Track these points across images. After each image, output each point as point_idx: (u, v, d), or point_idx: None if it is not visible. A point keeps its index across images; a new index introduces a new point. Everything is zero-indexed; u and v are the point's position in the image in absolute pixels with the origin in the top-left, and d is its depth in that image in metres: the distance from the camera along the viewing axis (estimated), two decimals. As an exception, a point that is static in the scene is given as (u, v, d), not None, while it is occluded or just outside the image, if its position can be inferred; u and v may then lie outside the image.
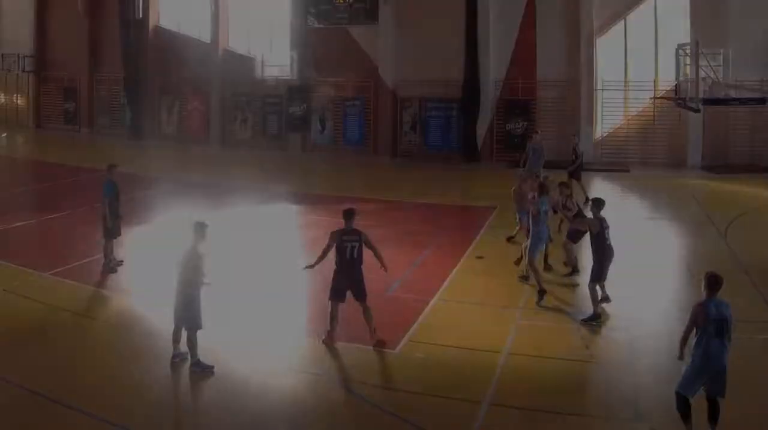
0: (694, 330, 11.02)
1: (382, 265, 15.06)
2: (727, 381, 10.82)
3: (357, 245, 14.65)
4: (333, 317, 14.74)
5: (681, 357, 11.34)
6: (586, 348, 14.41)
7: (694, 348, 11.01)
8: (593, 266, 16.42)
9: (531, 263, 17.83)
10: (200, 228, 13.68)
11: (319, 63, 45.54)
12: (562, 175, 25.40)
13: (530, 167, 27.23)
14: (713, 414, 10.97)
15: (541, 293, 17.21)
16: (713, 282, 11.03)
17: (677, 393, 10.99)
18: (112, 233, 19.77)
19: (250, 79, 46.61)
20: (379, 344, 14.52)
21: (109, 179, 19.88)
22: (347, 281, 14.67)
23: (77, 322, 16.24)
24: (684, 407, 10.93)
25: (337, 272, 14.77)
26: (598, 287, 16.38)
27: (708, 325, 10.82)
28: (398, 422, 11.59)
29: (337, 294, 14.77)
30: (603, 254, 16.32)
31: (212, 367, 13.46)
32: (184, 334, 13.58)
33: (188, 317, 13.41)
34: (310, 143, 46.32)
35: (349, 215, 14.96)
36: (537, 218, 17.80)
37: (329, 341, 14.69)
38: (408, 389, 12.77)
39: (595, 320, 15.95)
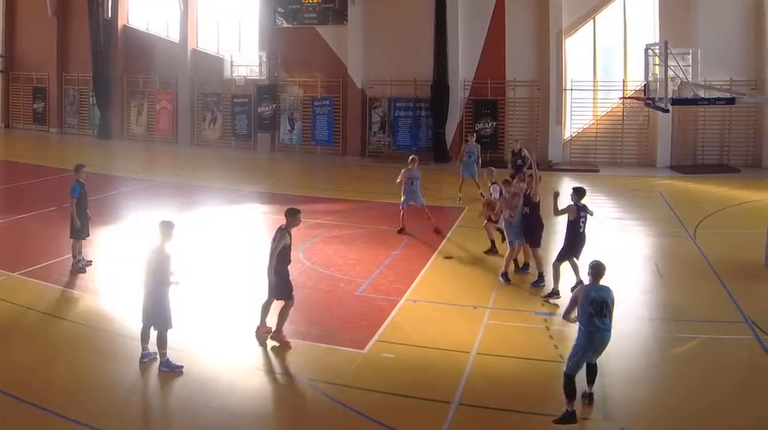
0: (578, 313, 11.57)
1: None
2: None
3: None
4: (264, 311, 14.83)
5: (572, 320, 12.02)
6: (555, 348, 14.04)
7: (578, 329, 11.58)
8: (563, 247, 17.30)
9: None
10: (167, 228, 13.45)
11: (287, 63, 44.68)
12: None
13: (463, 170, 28.28)
14: (591, 376, 11.72)
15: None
16: (596, 271, 11.70)
17: (565, 375, 11.34)
18: (79, 233, 19.22)
19: (219, 79, 44.69)
20: None
21: (77, 180, 19.33)
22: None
23: (46, 322, 15.75)
24: (569, 386, 11.28)
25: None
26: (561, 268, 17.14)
27: (588, 306, 11.34)
28: (366, 422, 11.39)
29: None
30: (574, 238, 17.02)
31: (181, 367, 13.17)
32: (153, 333, 13.36)
33: (157, 317, 13.20)
34: (279, 143, 45.38)
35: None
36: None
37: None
38: (376, 389, 12.47)
39: (553, 297, 16.78)
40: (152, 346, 13.38)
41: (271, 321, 14.69)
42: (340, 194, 30.97)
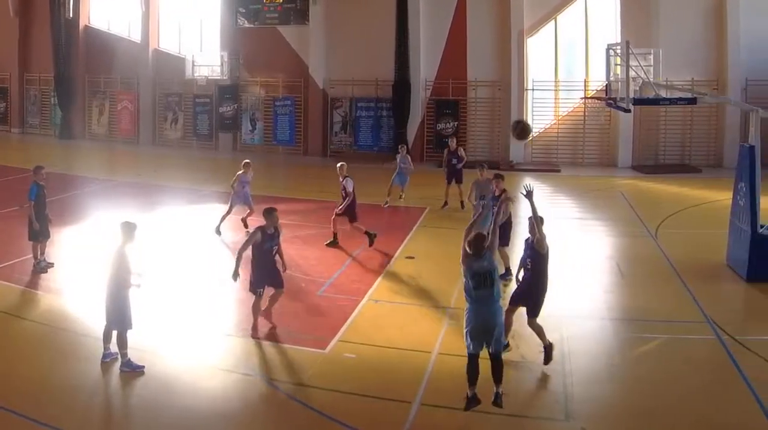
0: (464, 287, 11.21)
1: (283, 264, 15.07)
2: (501, 336, 11.23)
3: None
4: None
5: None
6: (517, 348, 13.57)
7: (466, 308, 11.25)
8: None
9: None
10: (128, 229, 13.08)
11: (249, 63, 43.31)
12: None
13: (394, 179, 26.97)
14: (496, 373, 11.12)
15: None
16: (476, 245, 11.05)
17: (468, 356, 11.13)
18: (38, 235, 18.57)
19: (181, 79, 43.38)
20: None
21: (35, 182, 18.61)
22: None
23: (7, 321, 15.20)
24: (470, 369, 11.01)
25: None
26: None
27: (470, 278, 11.00)
28: (328, 422, 11.08)
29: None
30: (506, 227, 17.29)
31: (142, 367, 12.77)
32: (115, 333, 12.96)
33: (118, 317, 12.83)
34: (241, 143, 43.96)
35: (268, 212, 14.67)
36: None
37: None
38: (338, 389, 12.15)
39: (506, 277, 16.76)
40: (114, 346, 12.96)
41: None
42: (302, 194, 29.96)
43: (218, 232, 22.48)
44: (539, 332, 12.97)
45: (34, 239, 18.48)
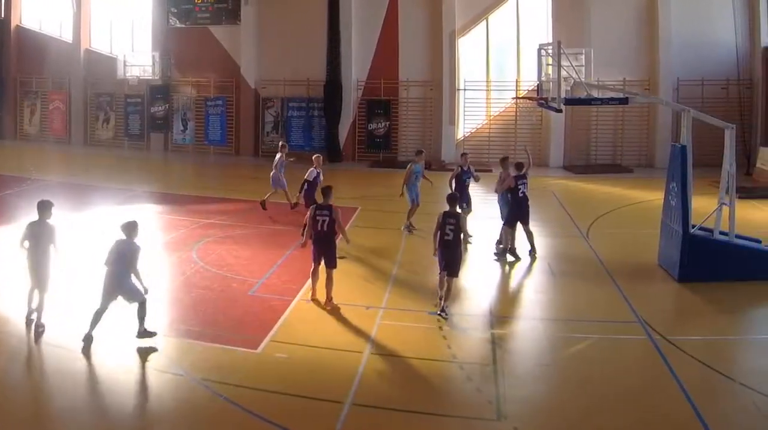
0: None
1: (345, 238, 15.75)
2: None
3: (327, 218, 15.02)
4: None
5: None
6: (448, 348, 12.99)
7: None
8: (508, 214, 18.33)
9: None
10: (45, 206, 13.60)
11: (180, 63, 40.38)
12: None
13: (272, 179, 24.81)
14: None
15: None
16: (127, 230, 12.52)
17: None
18: None
19: (112, 79, 40.38)
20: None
21: None
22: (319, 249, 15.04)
23: None
24: None
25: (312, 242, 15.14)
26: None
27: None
28: (260, 422, 10.41)
29: (313, 259, 15.16)
30: (516, 203, 18.16)
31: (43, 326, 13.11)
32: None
33: (40, 279, 13.20)
34: (172, 143, 40.97)
35: (326, 191, 15.45)
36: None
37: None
38: (270, 389, 11.43)
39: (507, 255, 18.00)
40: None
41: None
42: (234, 194, 28.24)
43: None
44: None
45: None
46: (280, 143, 24.79)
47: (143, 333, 12.93)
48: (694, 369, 11.94)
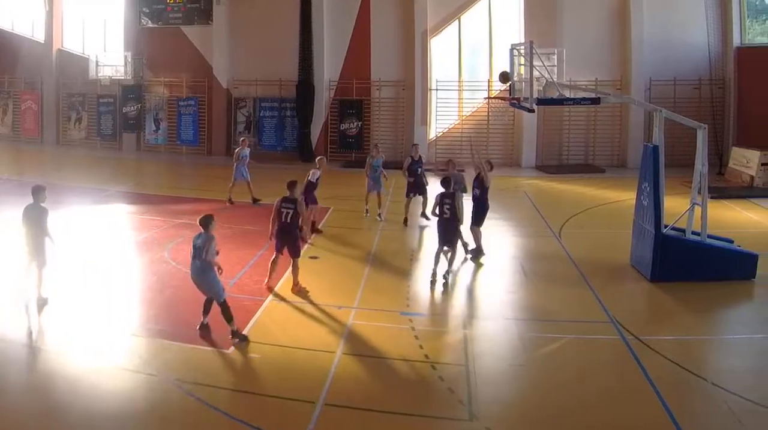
0: None
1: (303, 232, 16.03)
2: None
3: (292, 211, 15.22)
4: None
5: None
6: (420, 348, 12.78)
7: None
8: (479, 214, 18.19)
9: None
10: (39, 190, 14.18)
11: (153, 63, 39.12)
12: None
13: (235, 173, 25.26)
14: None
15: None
16: (204, 223, 13.01)
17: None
18: None
19: (84, 78, 39.18)
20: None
21: None
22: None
23: None
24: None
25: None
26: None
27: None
28: (232, 422, 10.20)
29: (276, 248, 15.54)
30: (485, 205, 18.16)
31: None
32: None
33: (38, 255, 13.85)
34: (145, 143, 39.76)
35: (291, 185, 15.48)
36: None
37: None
38: (242, 389, 11.36)
39: (479, 256, 17.71)
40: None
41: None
42: (206, 194, 27.55)
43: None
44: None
45: None
46: (241, 139, 25.70)
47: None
48: (666, 369, 11.79)
